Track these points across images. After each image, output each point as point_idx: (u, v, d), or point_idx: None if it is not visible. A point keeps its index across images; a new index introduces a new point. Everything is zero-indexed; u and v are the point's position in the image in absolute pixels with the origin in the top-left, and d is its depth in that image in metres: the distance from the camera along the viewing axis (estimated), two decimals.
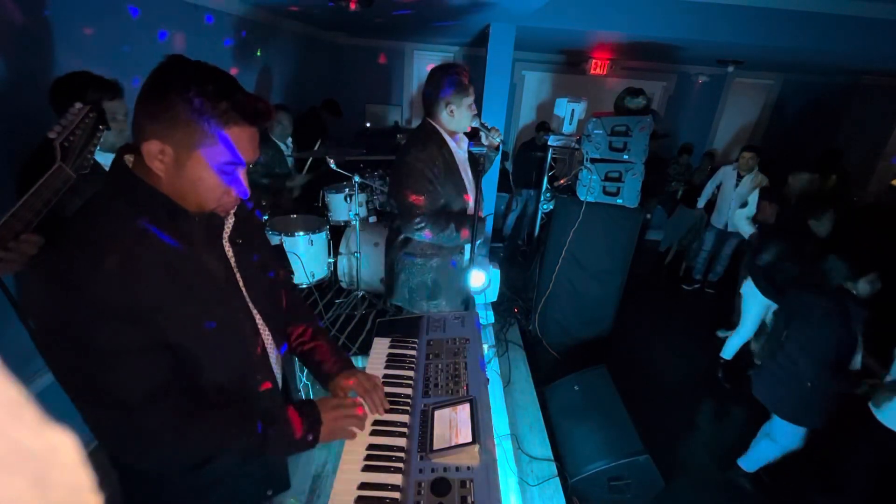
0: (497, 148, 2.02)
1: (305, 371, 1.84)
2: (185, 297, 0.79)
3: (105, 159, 1.50)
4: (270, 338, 0.99)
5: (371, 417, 1.08)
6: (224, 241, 0.91)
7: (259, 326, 0.95)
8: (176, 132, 0.74)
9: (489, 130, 1.88)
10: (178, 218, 0.80)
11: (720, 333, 3.87)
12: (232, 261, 0.91)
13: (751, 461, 2.50)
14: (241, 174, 0.82)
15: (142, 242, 0.76)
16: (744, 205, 3.74)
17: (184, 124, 0.73)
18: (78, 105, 1.12)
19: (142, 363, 0.75)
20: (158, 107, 0.73)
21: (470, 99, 1.81)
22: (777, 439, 2.37)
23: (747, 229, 3.63)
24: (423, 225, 1.80)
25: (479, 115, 1.87)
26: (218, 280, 0.87)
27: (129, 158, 0.81)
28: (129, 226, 0.76)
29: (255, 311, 0.95)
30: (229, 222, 0.92)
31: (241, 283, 0.92)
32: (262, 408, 0.92)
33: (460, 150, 1.94)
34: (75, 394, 0.74)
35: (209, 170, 0.78)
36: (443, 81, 1.79)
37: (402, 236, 1.93)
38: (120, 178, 0.80)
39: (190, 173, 0.77)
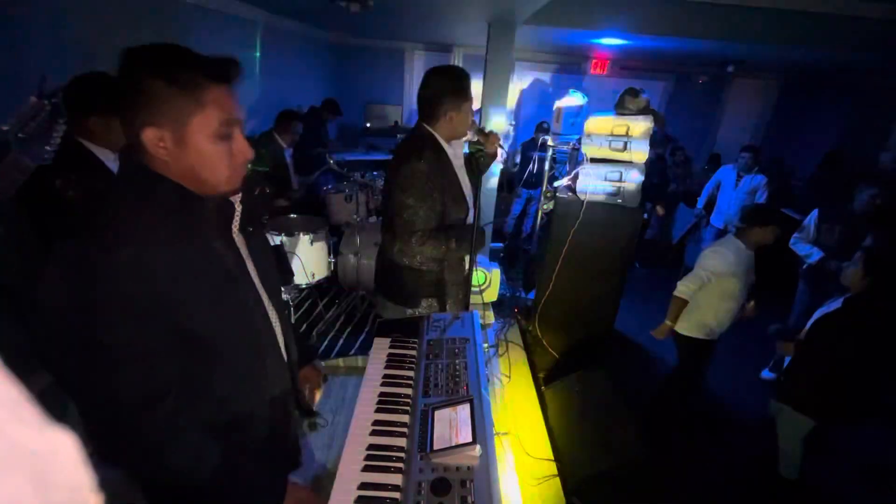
0: (494, 155, 1.90)
1: None
2: (200, 286, 0.80)
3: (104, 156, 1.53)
4: (279, 322, 1.02)
5: (371, 417, 1.08)
6: (234, 229, 0.92)
7: (269, 312, 0.98)
8: (164, 112, 0.75)
9: (487, 136, 1.80)
10: (191, 204, 0.81)
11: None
12: (243, 249, 0.93)
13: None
14: (238, 134, 0.84)
15: (156, 233, 0.76)
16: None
17: (168, 101, 0.74)
18: (33, 98, 1.15)
19: (146, 364, 0.75)
20: (139, 95, 0.74)
21: (469, 104, 1.70)
22: None
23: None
24: (424, 239, 1.69)
25: (478, 121, 1.81)
26: (231, 268, 0.88)
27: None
28: (143, 216, 0.76)
29: (265, 298, 0.97)
30: (238, 211, 0.92)
31: (252, 271, 0.94)
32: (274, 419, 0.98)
33: (457, 156, 1.80)
34: (73, 389, 0.74)
35: (210, 138, 0.79)
36: (441, 85, 1.66)
37: (397, 245, 1.78)
38: (130, 171, 0.81)
39: (193, 148, 0.78)
